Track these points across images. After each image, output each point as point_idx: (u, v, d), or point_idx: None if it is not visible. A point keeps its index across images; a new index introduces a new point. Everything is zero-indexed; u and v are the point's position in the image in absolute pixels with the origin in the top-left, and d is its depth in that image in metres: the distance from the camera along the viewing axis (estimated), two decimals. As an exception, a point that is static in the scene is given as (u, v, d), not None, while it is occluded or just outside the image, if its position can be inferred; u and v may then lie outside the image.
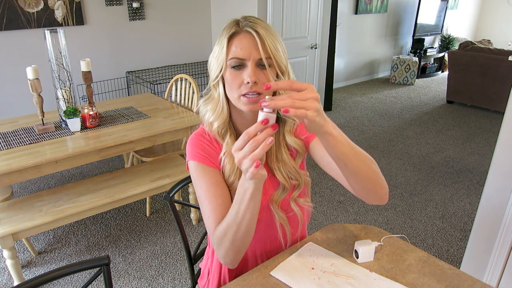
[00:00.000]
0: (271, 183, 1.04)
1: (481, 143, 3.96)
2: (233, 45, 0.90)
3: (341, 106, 5.16)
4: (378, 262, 1.03)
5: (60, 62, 2.06)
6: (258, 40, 0.88)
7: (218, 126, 0.98)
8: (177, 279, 2.08)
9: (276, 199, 1.02)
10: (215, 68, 0.94)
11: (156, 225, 2.55)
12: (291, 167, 1.02)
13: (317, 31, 4.24)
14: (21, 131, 2.15)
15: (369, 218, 2.64)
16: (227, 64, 0.90)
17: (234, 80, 0.91)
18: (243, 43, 0.89)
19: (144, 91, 3.81)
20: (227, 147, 0.98)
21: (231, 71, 0.91)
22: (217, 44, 0.93)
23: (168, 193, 1.28)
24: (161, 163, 2.46)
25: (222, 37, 0.91)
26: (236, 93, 0.91)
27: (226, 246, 0.89)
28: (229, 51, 0.90)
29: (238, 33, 0.90)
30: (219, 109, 0.97)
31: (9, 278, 2.10)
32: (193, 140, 1.01)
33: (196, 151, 0.98)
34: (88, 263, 0.96)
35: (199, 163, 0.97)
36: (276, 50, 0.90)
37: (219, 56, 0.92)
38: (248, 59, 0.89)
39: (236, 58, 0.89)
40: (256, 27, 0.89)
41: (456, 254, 2.29)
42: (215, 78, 0.95)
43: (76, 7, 3.31)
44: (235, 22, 0.92)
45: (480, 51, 4.96)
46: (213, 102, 0.99)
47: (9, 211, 1.93)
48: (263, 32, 0.89)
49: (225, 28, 0.93)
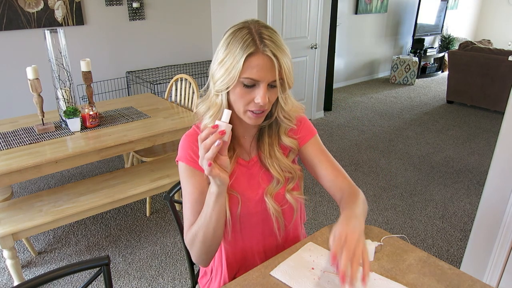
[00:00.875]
0: (266, 177, 1.07)
1: (481, 143, 3.96)
2: (250, 65, 0.87)
3: (341, 106, 5.16)
4: (378, 262, 1.03)
5: (60, 62, 2.06)
6: (277, 65, 0.88)
7: None
8: (177, 279, 2.08)
9: (271, 192, 1.06)
10: (225, 80, 0.90)
11: (156, 225, 2.55)
12: (284, 162, 1.06)
13: (317, 31, 4.24)
14: (21, 131, 2.15)
15: (369, 218, 2.64)
16: (239, 80, 0.89)
17: (243, 97, 0.91)
18: (261, 66, 0.87)
19: (144, 91, 3.81)
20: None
21: (242, 88, 0.90)
22: (228, 55, 0.89)
23: (168, 193, 1.28)
24: (161, 163, 2.46)
25: (236, 51, 0.87)
26: (243, 108, 0.93)
27: (197, 246, 0.96)
28: (244, 70, 0.88)
29: (256, 54, 0.87)
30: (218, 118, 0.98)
31: (9, 278, 2.10)
32: (185, 141, 1.02)
33: (187, 152, 1.00)
34: (88, 263, 0.96)
35: (188, 166, 0.99)
36: (289, 72, 0.91)
37: (232, 70, 0.88)
38: (263, 81, 0.89)
39: (250, 79, 0.88)
40: (275, 51, 0.88)
41: (456, 254, 2.29)
42: (221, 90, 0.93)
43: (76, 7, 3.31)
44: (252, 39, 0.87)
45: (480, 51, 4.96)
46: (214, 108, 0.97)
47: (9, 211, 1.93)
48: (281, 56, 0.88)
49: (237, 37, 0.88)
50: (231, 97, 0.94)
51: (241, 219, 1.05)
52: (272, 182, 1.07)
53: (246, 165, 1.07)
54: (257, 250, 1.12)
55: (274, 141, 1.06)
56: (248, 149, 1.08)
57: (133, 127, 2.22)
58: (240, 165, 1.06)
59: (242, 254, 1.12)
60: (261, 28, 0.90)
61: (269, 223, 1.09)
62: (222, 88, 0.92)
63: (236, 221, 1.05)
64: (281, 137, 1.06)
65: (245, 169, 1.07)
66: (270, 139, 1.06)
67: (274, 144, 1.06)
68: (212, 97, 0.97)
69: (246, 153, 1.08)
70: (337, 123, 4.50)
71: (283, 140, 1.06)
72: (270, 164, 1.05)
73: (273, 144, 1.06)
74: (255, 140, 1.08)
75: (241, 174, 1.06)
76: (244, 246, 1.11)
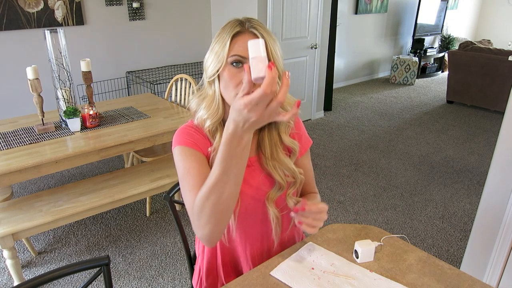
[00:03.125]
0: (267, 181, 1.03)
1: (481, 143, 3.96)
2: (236, 44, 0.90)
3: (341, 106, 5.16)
4: (378, 262, 1.03)
5: (60, 62, 2.06)
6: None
7: (211, 124, 0.97)
8: (177, 279, 2.08)
9: (272, 197, 1.03)
10: (214, 65, 0.93)
11: (156, 225, 2.55)
12: (287, 166, 1.03)
13: (317, 31, 4.24)
14: (21, 131, 2.15)
15: (369, 218, 2.64)
16: (227, 61, 0.90)
17: (232, 78, 0.91)
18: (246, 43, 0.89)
19: (144, 91, 3.81)
20: (216, 143, 0.97)
21: (230, 68, 0.91)
22: (217, 41, 0.93)
23: (168, 193, 1.28)
24: (161, 163, 2.46)
25: (224, 34, 0.91)
26: (233, 92, 0.91)
27: (207, 212, 0.83)
28: (231, 49, 0.90)
29: (242, 33, 0.91)
30: (215, 107, 0.96)
31: (9, 278, 2.10)
32: (181, 130, 1.01)
33: (184, 137, 0.98)
34: (88, 263, 0.96)
35: (185, 147, 0.97)
36: (276, 55, 0.92)
37: (220, 53, 0.91)
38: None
39: (238, 56, 0.89)
40: (260, 30, 0.91)
41: (456, 254, 2.29)
42: (212, 75, 0.94)
43: (76, 7, 3.31)
44: (238, 22, 0.92)
45: (480, 51, 4.96)
46: (207, 99, 0.98)
47: (9, 211, 1.93)
48: (267, 36, 0.90)
49: (227, 25, 0.93)
50: (221, 85, 0.94)
51: (239, 219, 1.03)
52: (274, 188, 1.03)
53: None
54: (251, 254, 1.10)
55: (277, 141, 1.02)
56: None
57: (133, 127, 2.22)
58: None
59: (237, 254, 1.11)
60: (250, 18, 0.93)
61: (267, 226, 1.07)
62: (213, 73, 0.93)
63: (234, 220, 1.03)
64: (282, 136, 1.02)
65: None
66: (271, 139, 1.02)
67: (277, 144, 1.02)
68: (206, 89, 0.98)
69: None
70: (337, 123, 4.50)
71: (284, 140, 1.03)
72: (273, 167, 1.01)
73: (276, 145, 1.02)
74: (254, 140, 1.04)
75: None
76: (239, 247, 1.09)
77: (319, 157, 3.56)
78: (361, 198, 2.89)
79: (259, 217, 1.06)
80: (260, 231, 1.08)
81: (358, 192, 2.98)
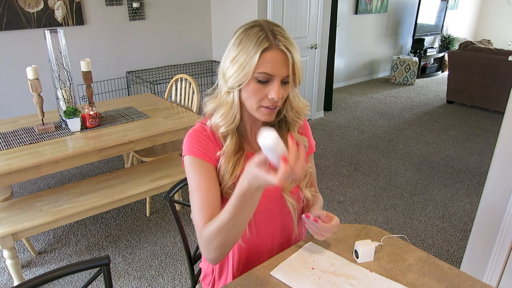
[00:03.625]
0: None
1: (481, 143, 3.96)
2: (264, 60, 0.88)
3: (341, 106, 5.16)
4: (378, 262, 1.03)
5: (60, 62, 2.06)
6: (290, 60, 0.90)
7: (226, 131, 0.99)
8: (177, 279, 2.08)
9: (288, 188, 1.07)
10: (239, 77, 0.91)
11: (156, 225, 2.55)
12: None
13: (317, 31, 4.24)
14: (21, 131, 2.15)
15: (369, 218, 2.64)
16: (253, 76, 0.90)
17: (256, 93, 0.92)
18: (275, 61, 0.89)
19: (144, 91, 3.81)
20: (226, 147, 1.00)
21: (255, 83, 0.91)
22: (241, 52, 0.90)
23: (168, 193, 1.28)
24: (161, 163, 2.46)
25: (249, 46, 0.89)
26: (256, 104, 0.94)
27: (215, 244, 0.89)
28: (259, 65, 0.88)
29: (270, 49, 0.88)
30: (231, 116, 0.97)
31: (9, 278, 2.10)
32: (191, 136, 1.01)
33: (193, 146, 0.99)
34: (88, 263, 0.96)
35: (195, 157, 0.98)
36: (300, 68, 0.93)
37: (246, 66, 0.89)
38: (277, 76, 0.90)
39: (266, 74, 0.89)
40: (288, 45, 0.89)
41: (456, 254, 2.29)
42: (234, 87, 0.93)
43: (76, 7, 3.31)
44: (265, 35, 0.89)
45: (480, 51, 4.96)
46: (225, 107, 0.97)
47: (9, 211, 1.93)
48: (293, 51, 0.90)
49: (251, 35, 0.90)
50: (243, 95, 0.94)
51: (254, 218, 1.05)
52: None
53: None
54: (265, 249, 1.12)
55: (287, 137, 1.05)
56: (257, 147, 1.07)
57: (133, 127, 2.22)
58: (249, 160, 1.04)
59: (249, 252, 1.11)
60: (273, 26, 0.92)
61: (277, 221, 1.10)
62: (235, 85, 0.92)
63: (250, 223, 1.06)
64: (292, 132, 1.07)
65: None
66: (282, 135, 1.06)
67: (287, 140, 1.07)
68: (223, 96, 0.97)
69: (255, 149, 1.07)
70: (337, 123, 4.50)
71: (295, 137, 1.07)
72: None
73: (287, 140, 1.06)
74: None
75: None
76: (252, 244, 1.10)
77: (319, 157, 3.56)
78: (361, 198, 2.89)
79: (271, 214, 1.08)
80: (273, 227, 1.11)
81: (358, 192, 2.98)
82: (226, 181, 0.99)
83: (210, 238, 0.89)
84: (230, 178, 0.99)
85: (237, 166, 1.00)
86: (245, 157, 1.03)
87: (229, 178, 0.99)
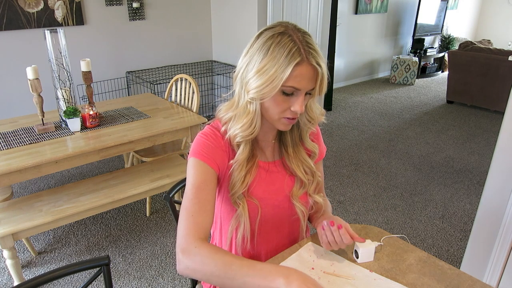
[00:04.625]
0: (290, 180, 1.07)
1: (481, 143, 3.96)
2: (293, 74, 0.85)
3: (341, 106, 5.16)
4: (378, 262, 1.03)
5: (60, 62, 2.06)
6: (320, 75, 0.88)
7: (242, 140, 0.96)
8: (177, 279, 2.08)
9: (296, 194, 1.06)
10: (265, 90, 0.87)
11: (156, 225, 2.55)
12: (309, 164, 1.07)
13: (317, 31, 4.24)
14: (21, 131, 2.15)
15: (369, 218, 2.64)
16: (280, 88, 0.87)
17: (280, 104, 0.90)
18: (304, 75, 0.86)
19: (144, 91, 3.81)
20: (239, 155, 0.98)
21: (280, 95, 0.89)
22: (270, 63, 0.85)
23: (168, 193, 1.28)
24: (161, 163, 2.46)
25: (281, 60, 0.84)
26: (277, 115, 0.92)
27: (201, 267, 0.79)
28: (288, 79, 0.85)
29: (302, 63, 0.85)
30: (252, 127, 0.94)
31: (9, 278, 2.10)
32: (200, 139, 0.98)
33: (201, 149, 0.96)
34: (88, 263, 0.96)
35: (200, 161, 0.95)
36: (326, 79, 0.91)
37: (276, 79, 0.85)
38: (303, 90, 0.89)
39: (293, 87, 0.87)
40: (319, 60, 0.87)
41: (456, 254, 2.29)
42: (258, 98, 0.89)
43: (76, 7, 3.31)
44: (297, 48, 0.84)
45: (480, 51, 4.96)
46: (246, 117, 0.93)
47: (9, 211, 1.93)
48: (323, 66, 0.88)
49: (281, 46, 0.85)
50: (265, 104, 0.91)
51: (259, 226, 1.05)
52: (296, 184, 1.07)
53: (266, 168, 1.05)
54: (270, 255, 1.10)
55: (299, 142, 1.07)
56: (268, 152, 1.07)
57: (133, 127, 2.22)
58: (260, 168, 1.04)
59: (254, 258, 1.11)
60: (303, 34, 0.87)
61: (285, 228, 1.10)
62: (259, 97, 0.89)
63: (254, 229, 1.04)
64: (304, 140, 1.06)
65: (265, 173, 1.04)
66: (294, 142, 1.06)
67: (299, 145, 1.07)
68: (243, 105, 0.93)
69: (266, 156, 1.06)
70: (337, 123, 4.50)
71: (306, 143, 1.07)
72: (296, 165, 1.05)
73: (298, 147, 1.06)
74: (277, 144, 1.07)
75: (261, 179, 1.03)
76: (255, 252, 1.10)
77: (319, 157, 3.56)
78: (361, 198, 2.89)
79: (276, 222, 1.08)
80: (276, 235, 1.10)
81: (358, 192, 2.98)
82: (236, 189, 0.98)
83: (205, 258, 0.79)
84: (241, 186, 0.98)
85: (248, 174, 0.99)
86: (257, 165, 1.02)
87: (240, 185, 0.98)
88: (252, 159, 1.00)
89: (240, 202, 0.99)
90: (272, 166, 1.06)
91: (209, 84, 4.17)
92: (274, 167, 1.06)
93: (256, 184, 1.02)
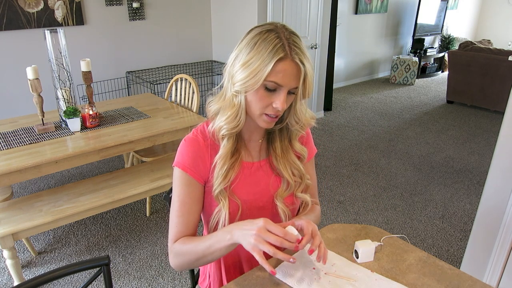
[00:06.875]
0: (276, 182, 1.06)
1: (481, 143, 3.96)
2: (276, 69, 0.86)
3: (341, 106, 5.16)
4: (378, 262, 1.03)
5: (60, 62, 2.06)
6: (303, 73, 0.88)
7: (227, 133, 0.97)
8: (177, 279, 2.08)
9: (281, 195, 1.05)
10: (248, 83, 0.88)
11: (156, 225, 2.55)
12: (297, 165, 1.07)
13: (317, 31, 4.24)
14: (21, 131, 2.15)
15: (369, 218, 2.64)
16: (263, 83, 0.88)
17: (262, 100, 0.91)
18: (287, 72, 0.87)
19: (144, 91, 3.81)
20: (223, 148, 0.99)
21: (263, 91, 0.90)
22: (255, 57, 0.87)
23: (168, 193, 1.28)
24: (161, 163, 2.46)
25: (264, 54, 0.86)
26: (259, 110, 0.93)
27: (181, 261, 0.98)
28: (271, 74, 0.86)
29: (285, 59, 0.86)
30: (237, 120, 0.95)
31: (9, 278, 2.10)
32: (185, 147, 1.00)
33: (184, 159, 0.98)
34: (88, 263, 0.96)
35: (185, 173, 0.98)
36: (312, 81, 0.91)
37: (258, 73, 0.87)
38: (285, 87, 0.89)
39: (275, 83, 0.88)
40: (303, 58, 0.88)
41: (456, 254, 2.29)
42: (241, 91, 0.91)
43: (76, 7, 3.31)
44: (282, 44, 0.86)
45: (480, 51, 4.96)
46: (231, 109, 0.95)
47: (9, 211, 1.93)
48: (307, 65, 0.88)
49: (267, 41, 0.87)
50: (248, 98, 0.92)
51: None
52: (282, 185, 1.06)
53: (250, 167, 1.05)
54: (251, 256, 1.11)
55: (288, 145, 1.07)
56: (255, 152, 1.07)
57: (133, 127, 2.22)
58: (244, 168, 1.04)
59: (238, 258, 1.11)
60: (290, 34, 0.89)
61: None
62: (243, 90, 0.90)
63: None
64: (293, 142, 1.06)
65: (249, 173, 1.04)
66: (283, 143, 1.06)
67: (288, 147, 1.06)
68: (229, 98, 0.95)
69: (252, 156, 1.06)
70: (337, 123, 4.50)
71: (295, 146, 1.07)
72: (283, 166, 1.05)
73: (287, 148, 1.06)
74: (264, 144, 1.07)
75: (245, 180, 1.04)
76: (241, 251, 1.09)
77: (319, 157, 3.56)
78: (361, 198, 2.89)
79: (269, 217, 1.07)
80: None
81: (358, 192, 2.98)
82: (218, 184, 0.98)
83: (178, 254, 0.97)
84: (223, 182, 0.98)
85: (232, 170, 0.99)
86: (240, 164, 1.02)
87: (222, 180, 0.98)
88: (235, 155, 1.01)
89: (222, 198, 0.99)
90: (257, 165, 1.05)
91: (209, 84, 4.16)
92: (259, 166, 1.06)
93: (240, 183, 1.02)
